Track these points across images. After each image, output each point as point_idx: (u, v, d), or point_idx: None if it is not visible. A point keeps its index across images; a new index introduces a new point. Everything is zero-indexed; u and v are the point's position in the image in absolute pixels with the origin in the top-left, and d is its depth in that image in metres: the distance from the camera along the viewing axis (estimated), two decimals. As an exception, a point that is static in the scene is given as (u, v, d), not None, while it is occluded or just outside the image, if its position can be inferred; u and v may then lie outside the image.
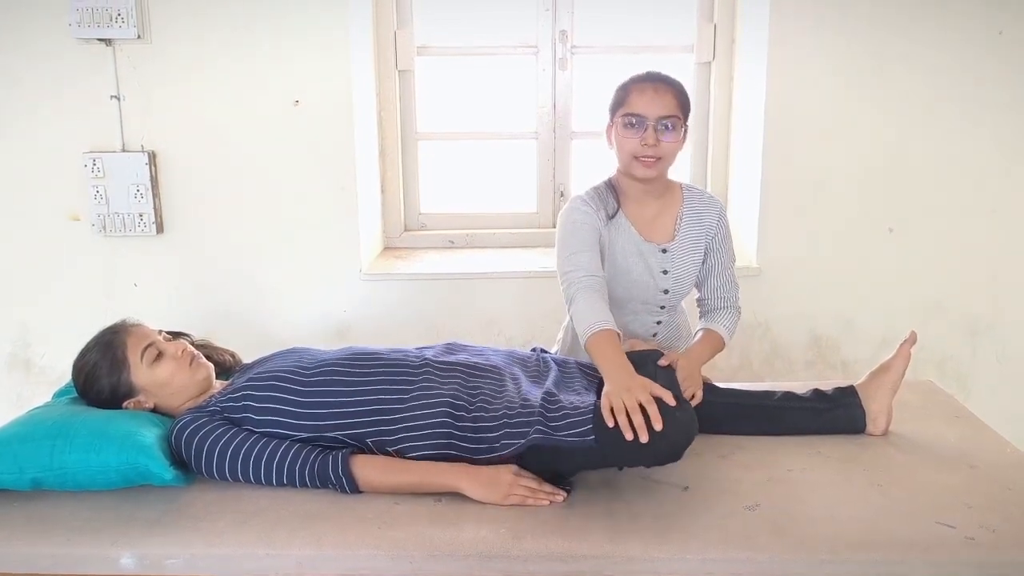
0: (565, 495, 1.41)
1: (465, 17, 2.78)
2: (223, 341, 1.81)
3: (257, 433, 1.47)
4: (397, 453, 1.46)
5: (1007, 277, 2.58)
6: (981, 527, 1.31)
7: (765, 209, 2.52)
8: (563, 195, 2.82)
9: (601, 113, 1.76)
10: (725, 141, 2.77)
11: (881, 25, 2.39)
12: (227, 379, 1.69)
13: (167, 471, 1.41)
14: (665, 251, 1.77)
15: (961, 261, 2.56)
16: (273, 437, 1.47)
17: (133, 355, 1.56)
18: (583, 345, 1.58)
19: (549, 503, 1.39)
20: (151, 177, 2.45)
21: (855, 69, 2.42)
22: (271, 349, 1.75)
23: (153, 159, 2.46)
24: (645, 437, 1.32)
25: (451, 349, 1.71)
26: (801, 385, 1.80)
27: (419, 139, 2.82)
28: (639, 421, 1.33)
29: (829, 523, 1.34)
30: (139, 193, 2.45)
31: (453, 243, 2.85)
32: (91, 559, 1.30)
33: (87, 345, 1.60)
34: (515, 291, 2.58)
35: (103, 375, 1.55)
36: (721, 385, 1.79)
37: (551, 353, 1.82)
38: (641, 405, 1.34)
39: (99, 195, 2.45)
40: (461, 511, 1.38)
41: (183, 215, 2.51)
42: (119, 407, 1.56)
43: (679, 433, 1.36)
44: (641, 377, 1.43)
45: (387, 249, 2.84)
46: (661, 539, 1.30)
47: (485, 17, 2.77)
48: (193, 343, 1.69)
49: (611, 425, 1.34)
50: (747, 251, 2.62)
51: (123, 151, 2.44)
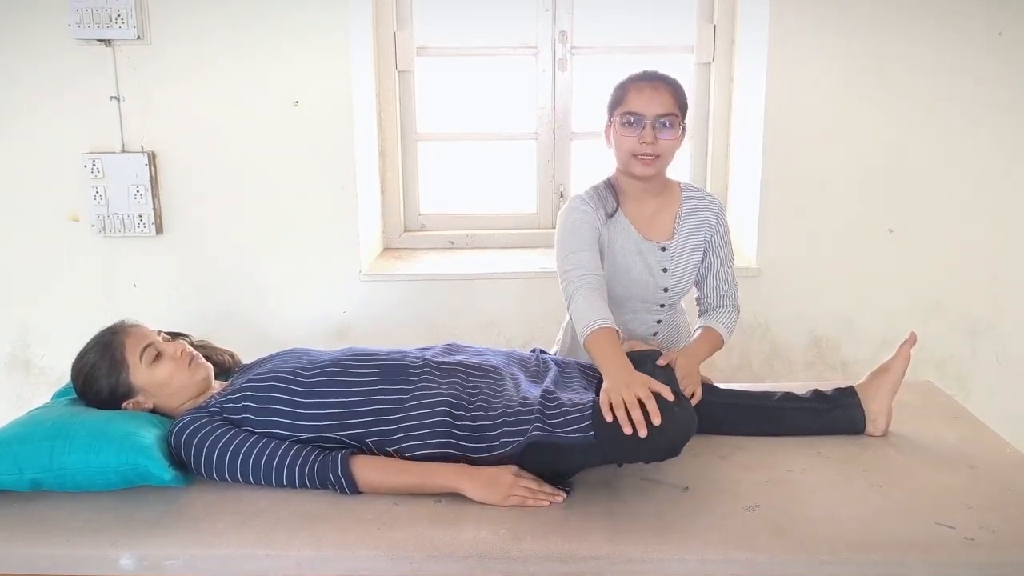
0: (565, 496, 1.41)
1: (465, 18, 2.78)
2: (223, 342, 1.81)
3: (257, 434, 1.47)
4: (397, 453, 1.46)
5: (1007, 277, 2.57)
6: (981, 528, 1.31)
7: (765, 209, 2.52)
8: (563, 196, 2.82)
9: (601, 114, 1.76)
10: (725, 142, 2.77)
11: (881, 25, 2.39)
12: (226, 380, 1.69)
13: (166, 472, 1.41)
14: (664, 249, 1.78)
15: (961, 262, 2.56)
16: (273, 438, 1.47)
17: (132, 355, 1.56)
18: (582, 343, 1.59)
19: (549, 504, 1.39)
20: (151, 178, 2.45)
21: (855, 69, 2.42)
22: (270, 350, 1.75)
23: (153, 160, 2.46)
24: (644, 432, 1.32)
25: (451, 350, 1.72)
26: (801, 386, 1.80)
27: (419, 140, 2.82)
28: (638, 416, 1.33)
29: (829, 524, 1.34)
30: (139, 194, 2.45)
31: (453, 244, 2.85)
32: (90, 560, 1.30)
33: (86, 346, 1.60)
34: (515, 292, 2.58)
35: (102, 376, 1.55)
36: (721, 386, 1.79)
37: (550, 354, 1.82)
38: (640, 401, 1.34)
39: (99, 196, 2.45)
40: (461, 512, 1.38)
41: (183, 216, 2.51)
42: (118, 408, 1.56)
43: (678, 429, 1.36)
44: (640, 374, 1.43)
45: (387, 250, 2.84)
46: (661, 540, 1.30)
47: (485, 18, 2.77)
48: (192, 344, 1.69)
49: (610, 420, 1.35)
50: (747, 251, 2.62)
51: (123, 152, 2.44)
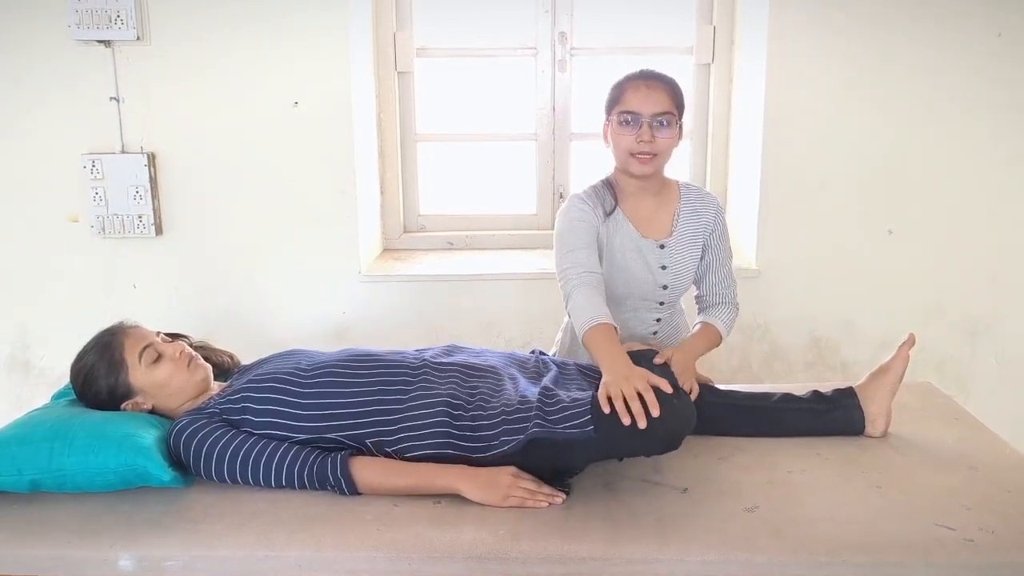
0: (564, 497, 1.41)
1: (464, 18, 2.78)
2: (222, 342, 1.81)
3: (256, 435, 1.47)
4: (396, 454, 1.46)
5: (1006, 278, 2.58)
6: (980, 529, 1.31)
7: (764, 210, 2.52)
8: (562, 196, 2.82)
9: (600, 115, 1.77)
10: (724, 143, 2.77)
11: (881, 25, 2.39)
12: (226, 381, 1.68)
13: (166, 473, 1.41)
14: (663, 247, 1.78)
15: (961, 263, 2.56)
16: (272, 439, 1.47)
17: (131, 356, 1.56)
18: (580, 339, 1.59)
19: (548, 505, 1.39)
20: (150, 178, 2.45)
21: (854, 70, 2.42)
22: (270, 350, 1.76)
23: (152, 160, 2.46)
24: (643, 423, 1.32)
25: (450, 351, 1.72)
26: (800, 386, 1.80)
27: (418, 140, 2.82)
28: (637, 408, 1.33)
29: (828, 525, 1.34)
30: (138, 194, 2.45)
31: (452, 245, 2.85)
32: (90, 561, 1.30)
33: (85, 347, 1.60)
34: (514, 293, 2.58)
35: (101, 376, 1.55)
36: (720, 386, 1.79)
37: (550, 355, 1.82)
38: (639, 394, 1.35)
39: (98, 196, 2.45)
40: (460, 513, 1.38)
41: (182, 216, 2.51)
42: (117, 409, 1.56)
43: (677, 421, 1.37)
44: (639, 368, 1.44)
45: (386, 251, 2.84)
46: (660, 541, 1.30)
47: (484, 18, 2.77)
48: (192, 344, 1.69)
49: (607, 411, 1.35)
50: (746, 252, 2.62)
51: (122, 152, 2.44)
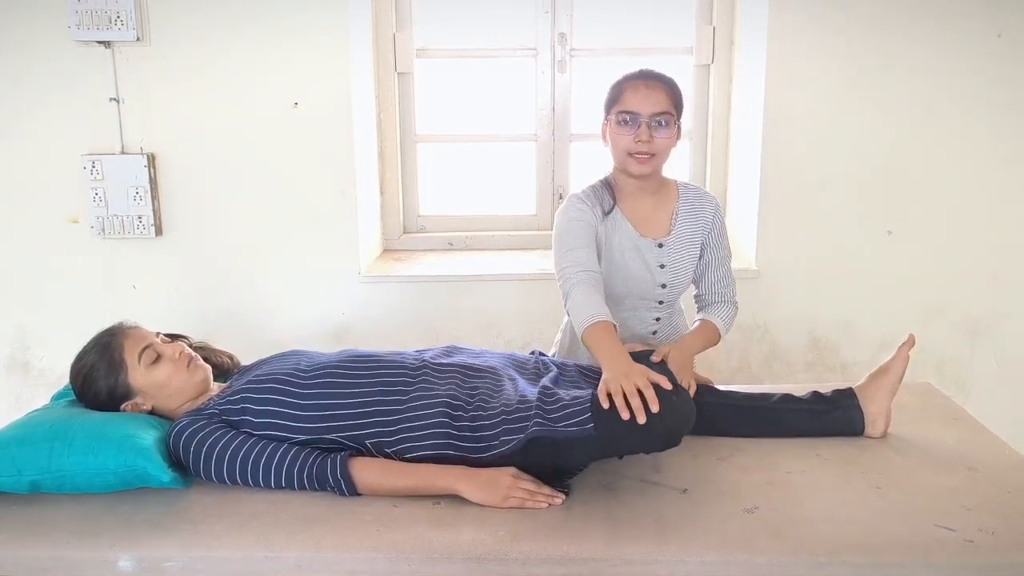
0: (564, 497, 1.41)
1: (464, 19, 2.78)
2: (222, 343, 1.81)
3: (255, 435, 1.47)
4: (396, 454, 1.46)
5: (1006, 279, 2.58)
6: (980, 530, 1.31)
7: (764, 211, 2.52)
8: (562, 197, 2.82)
9: (600, 115, 1.77)
10: (724, 143, 2.77)
11: (881, 26, 2.39)
12: (225, 381, 1.68)
13: (165, 473, 1.41)
14: (661, 245, 1.78)
15: (960, 263, 2.56)
16: (271, 439, 1.47)
17: (131, 357, 1.56)
18: (580, 337, 1.59)
19: (548, 505, 1.39)
20: (150, 179, 2.45)
21: (854, 71, 2.42)
22: (270, 351, 1.76)
23: (152, 161, 2.46)
24: (643, 419, 1.32)
25: (449, 352, 1.72)
26: (800, 387, 1.80)
27: (418, 141, 2.82)
28: (637, 404, 1.34)
29: (828, 525, 1.34)
30: (138, 195, 2.45)
31: (452, 245, 2.85)
32: (89, 562, 1.30)
33: (85, 347, 1.60)
34: (514, 293, 2.58)
35: (101, 377, 1.55)
36: (720, 387, 1.79)
37: (549, 356, 1.82)
38: (639, 391, 1.35)
39: (98, 197, 2.45)
40: (460, 514, 1.38)
41: (182, 217, 2.51)
42: (117, 409, 1.56)
43: (677, 417, 1.37)
44: (638, 364, 1.44)
45: (386, 251, 2.84)
46: (660, 542, 1.30)
47: (484, 19, 2.78)
48: (191, 345, 1.69)
49: (607, 407, 1.35)
50: (746, 253, 2.62)
51: (122, 153, 2.44)
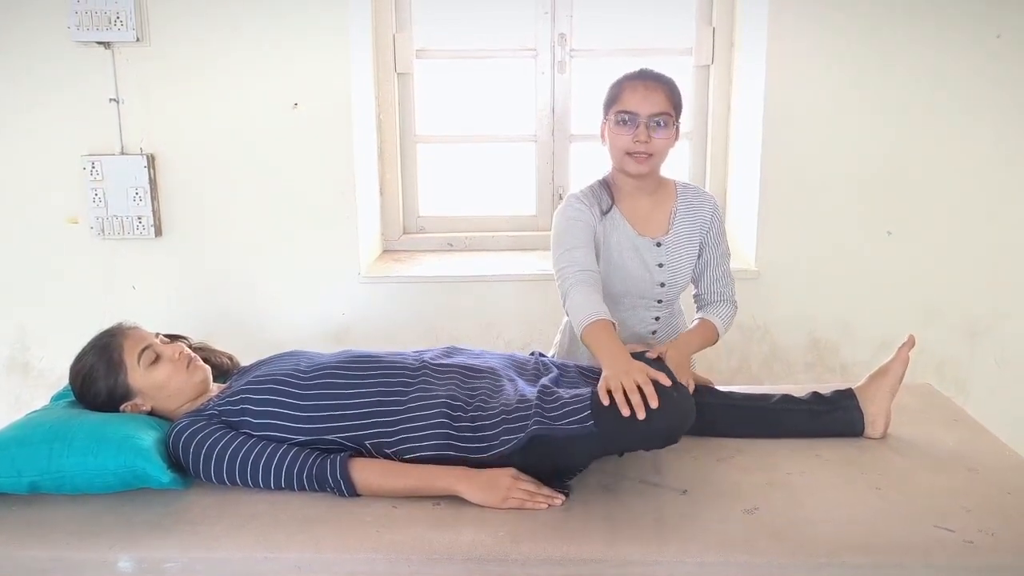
0: (563, 498, 1.41)
1: (464, 20, 2.78)
2: (221, 344, 1.81)
3: (255, 436, 1.47)
4: (396, 455, 1.46)
5: (1006, 280, 2.58)
6: (980, 531, 1.31)
7: (764, 212, 2.52)
8: (562, 198, 2.80)
9: (599, 115, 1.76)
10: (724, 144, 2.77)
11: (880, 26, 2.39)
12: (225, 382, 1.68)
13: (165, 474, 1.41)
14: (660, 245, 1.78)
15: (960, 264, 2.56)
16: (271, 440, 1.47)
17: (130, 358, 1.56)
18: (579, 336, 1.59)
19: (547, 506, 1.39)
20: (150, 180, 2.45)
21: (854, 72, 2.42)
22: (269, 352, 1.75)
23: (152, 162, 2.46)
24: (642, 414, 1.33)
25: (449, 352, 1.72)
26: (800, 388, 1.80)
27: (418, 142, 2.82)
28: (636, 400, 1.34)
29: (828, 526, 1.34)
30: (138, 196, 2.45)
31: (452, 246, 2.85)
32: (89, 563, 1.30)
33: (84, 348, 1.60)
34: (514, 294, 2.58)
35: (100, 378, 1.55)
36: (720, 388, 1.79)
37: (549, 357, 1.82)
38: (639, 387, 1.35)
39: (98, 198, 2.45)
40: (459, 514, 1.38)
41: (182, 218, 2.51)
42: (116, 410, 1.56)
43: (676, 413, 1.37)
44: (638, 362, 1.44)
45: (386, 252, 2.84)
46: (659, 542, 1.30)
47: (484, 20, 2.78)
48: (191, 346, 1.69)
49: (607, 404, 1.35)
50: (746, 254, 2.62)
51: (122, 154, 2.44)
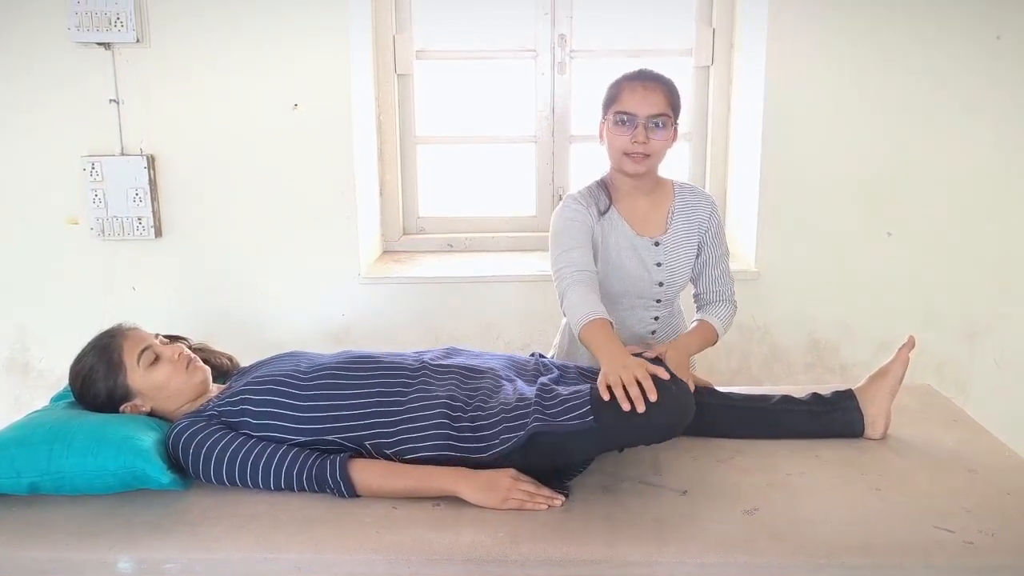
0: (563, 499, 1.41)
1: (464, 19, 2.78)
2: (221, 345, 1.81)
3: (255, 437, 1.47)
4: (395, 456, 1.46)
5: (1006, 280, 2.58)
6: (980, 532, 1.31)
7: (764, 213, 2.52)
8: (562, 198, 2.81)
9: (599, 115, 1.76)
10: (724, 145, 2.77)
11: (880, 27, 2.39)
12: (224, 383, 1.68)
13: (165, 475, 1.41)
14: (658, 244, 1.79)
15: (960, 265, 2.56)
16: (271, 441, 1.47)
17: (129, 358, 1.56)
18: (577, 335, 1.60)
19: (547, 507, 1.39)
20: (150, 181, 2.45)
21: (854, 73, 2.42)
22: (269, 353, 1.76)
23: (152, 163, 2.46)
24: (642, 407, 1.33)
25: (449, 353, 1.72)
26: (800, 389, 1.80)
27: (418, 143, 2.82)
28: (636, 393, 1.34)
29: (828, 527, 1.34)
30: (138, 197, 2.45)
31: (452, 247, 2.85)
32: (89, 564, 1.30)
33: (83, 349, 1.60)
34: (514, 295, 2.58)
35: (100, 379, 1.55)
36: (720, 389, 1.79)
37: (549, 358, 1.82)
38: (638, 381, 1.36)
39: (98, 198, 2.45)
40: (459, 515, 1.38)
41: (182, 219, 2.51)
42: (116, 411, 1.56)
43: (676, 407, 1.38)
44: (636, 358, 1.45)
45: (386, 253, 2.84)
46: (659, 543, 1.30)
47: (484, 20, 2.78)
48: (190, 346, 1.69)
49: (607, 399, 1.36)
50: (746, 255, 2.62)
51: (122, 155, 2.44)
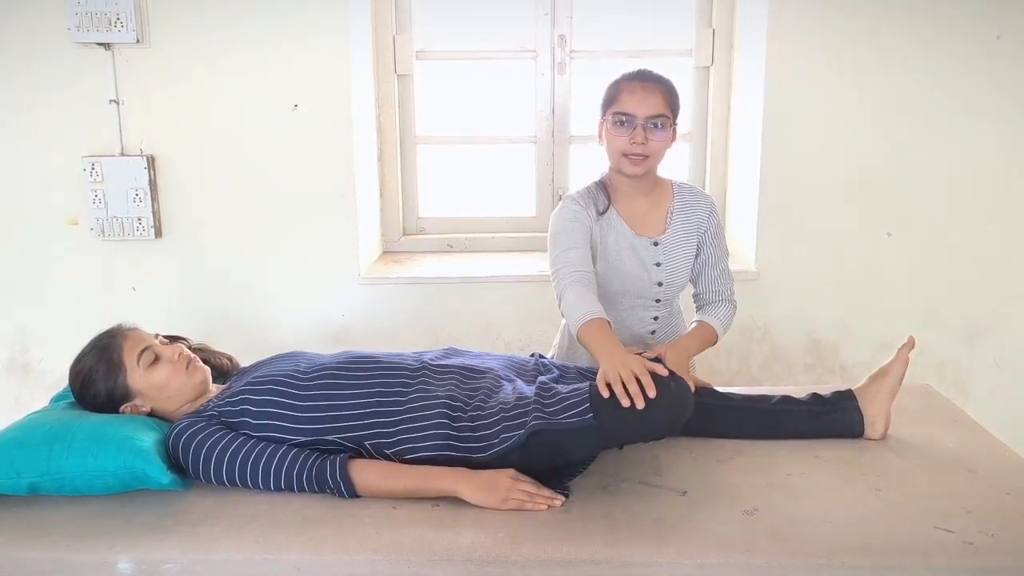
0: (563, 499, 1.41)
1: (464, 19, 2.78)
2: (221, 345, 1.81)
3: (255, 437, 1.47)
4: (395, 456, 1.46)
5: (1006, 281, 2.58)
6: (980, 532, 1.31)
7: (763, 213, 2.52)
8: (561, 199, 2.81)
9: (598, 115, 1.76)
10: (724, 146, 2.77)
11: (880, 27, 2.40)
12: (224, 383, 1.68)
13: (164, 475, 1.41)
14: (657, 244, 1.79)
15: (959, 265, 2.56)
16: (271, 441, 1.47)
17: (129, 359, 1.56)
18: (575, 335, 1.60)
19: (547, 507, 1.39)
20: (150, 181, 2.45)
21: (854, 74, 2.43)
22: (269, 353, 1.75)
23: (152, 163, 2.46)
24: (641, 403, 1.33)
25: (449, 354, 1.72)
26: (799, 389, 1.80)
27: (418, 143, 2.83)
28: (634, 389, 1.35)
29: (827, 527, 1.34)
30: (138, 197, 2.45)
31: (452, 247, 2.85)
32: (89, 564, 1.30)
33: (83, 349, 1.60)
34: (514, 295, 2.58)
35: (99, 379, 1.55)
36: (719, 389, 1.78)
37: (549, 358, 1.82)
38: (637, 378, 1.36)
39: (98, 199, 2.45)
40: (459, 515, 1.38)
41: (182, 219, 2.51)
42: (116, 411, 1.56)
43: (675, 403, 1.38)
44: (635, 355, 1.45)
45: (386, 253, 2.84)
46: (659, 544, 1.30)
47: (484, 20, 2.78)
48: (190, 347, 1.69)
49: (606, 396, 1.36)
50: (745, 255, 2.62)
51: (122, 155, 2.44)
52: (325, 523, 1.36)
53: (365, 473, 1.42)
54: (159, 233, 2.50)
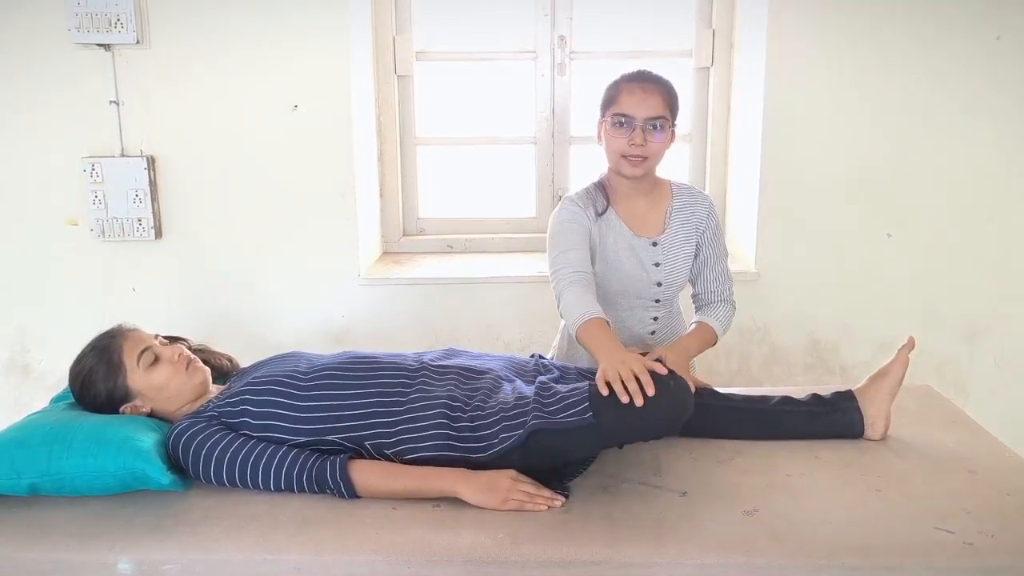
0: (563, 500, 1.41)
1: (464, 20, 2.79)
2: (221, 346, 1.81)
3: (255, 438, 1.47)
4: (395, 456, 1.46)
5: (1006, 281, 2.58)
6: (980, 532, 1.31)
7: (763, 213, 2.52)
8: (561, 200, 2.81)
9: (598, 116, 1.76)
10: (724, 146, 2.77)
11: (880, 27, 2.40)
12: (224, 383, 1.68)
13: (164, 476, 1.41)
14: (656, 244, 1.79)
15: (959, 265, 2.56)
16: (271, 442, 1.47)
17: (129, 359, 1.56)
18: (574, 335, 1.60)
19: (547, 508, 1.39)
20: (150, 182, 2.45)
21: (853, 74, 2.43)
22: (269, 354, 1.75)
23: (152, 164, 2.46)
24: (640, 401, 1.33)
25: (449, 354, 1.72)
26: (799, 389, 1.80)
27: (418, 144, 2.83)
28: (634, 387, 1.35)
29: (827, 528, 1.34)
30: (138, 198, 2.45)
31: (452, 248, 2.85)
32: (89, 565, 1.30)
33: (83, 350, 1.60)
34: (514, 296, 2.58)
35: (99, 380, 1.55)
36: (719, 389, 1.78)
37: (549, 359, 1.82)
38: (636, 377, 1.36)
39: (98, 200, 2.45)
40: (459, 516, 1.37)
41: (182, 220, 2.51)
42: (116, 412, 1.56)
43: (674, 402, 1.38)
44: (634, 354, 1.45)
45: (385, 254, 2.84)
46: (659, 544, 1.30)
47: (484, 21, 2.78)
48: (190, 347, 1.69)
49: (606, 394, 1.36)
50: (745, 255, 2.62)
51: (122, 156, 2.45)
52: (325, 523, 1.36)
53: (365, 473, 1.42)
54: (159, 234, 2.50)
